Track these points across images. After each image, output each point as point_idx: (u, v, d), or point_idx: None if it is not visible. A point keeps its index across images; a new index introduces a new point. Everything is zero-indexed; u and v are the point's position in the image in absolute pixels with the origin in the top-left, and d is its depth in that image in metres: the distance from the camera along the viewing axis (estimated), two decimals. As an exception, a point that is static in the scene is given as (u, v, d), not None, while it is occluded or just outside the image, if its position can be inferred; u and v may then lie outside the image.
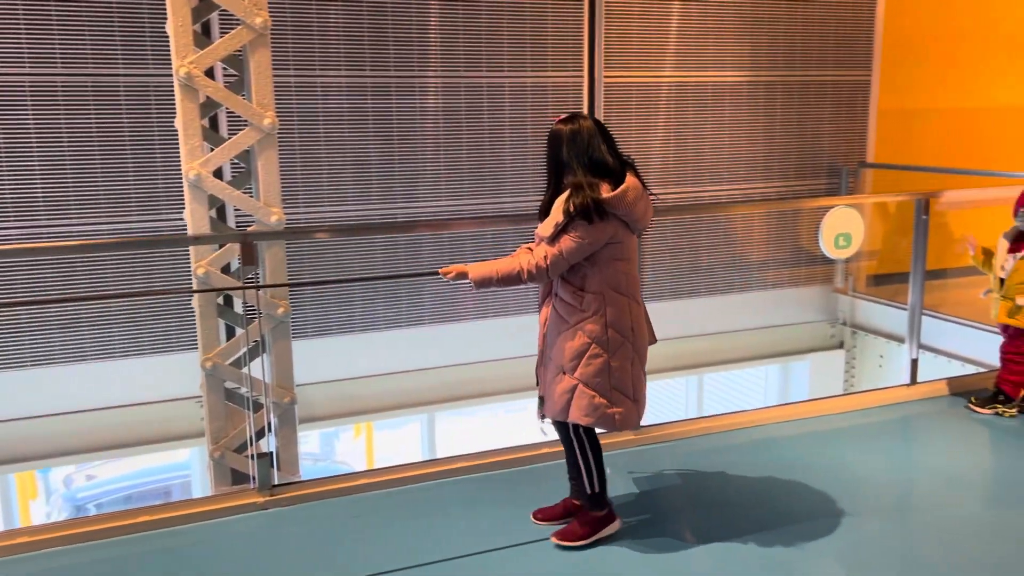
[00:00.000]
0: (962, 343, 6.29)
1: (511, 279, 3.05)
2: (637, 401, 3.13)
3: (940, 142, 7.96)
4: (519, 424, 8.95)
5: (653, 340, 3.26)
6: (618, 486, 3.72)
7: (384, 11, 5.77)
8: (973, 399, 4.58)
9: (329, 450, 11.50)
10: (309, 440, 10.56)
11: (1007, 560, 3.18)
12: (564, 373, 3.06)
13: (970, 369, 5.99)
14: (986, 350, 6.02)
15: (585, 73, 6.38)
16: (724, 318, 7.05)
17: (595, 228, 2.95)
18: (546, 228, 3.03)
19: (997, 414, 4.47)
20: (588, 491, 3.21)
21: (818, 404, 4.72)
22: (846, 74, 7.15)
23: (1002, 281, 4.42)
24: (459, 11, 5.95)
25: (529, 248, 3.17)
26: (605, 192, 2.97)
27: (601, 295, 3.03)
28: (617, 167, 3.04)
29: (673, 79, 6.61)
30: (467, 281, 3.10)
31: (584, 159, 2.99)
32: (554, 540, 3.22)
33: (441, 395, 6.42)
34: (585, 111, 6.41)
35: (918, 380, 4.87)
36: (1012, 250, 4.38)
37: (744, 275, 7.10)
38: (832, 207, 4.91)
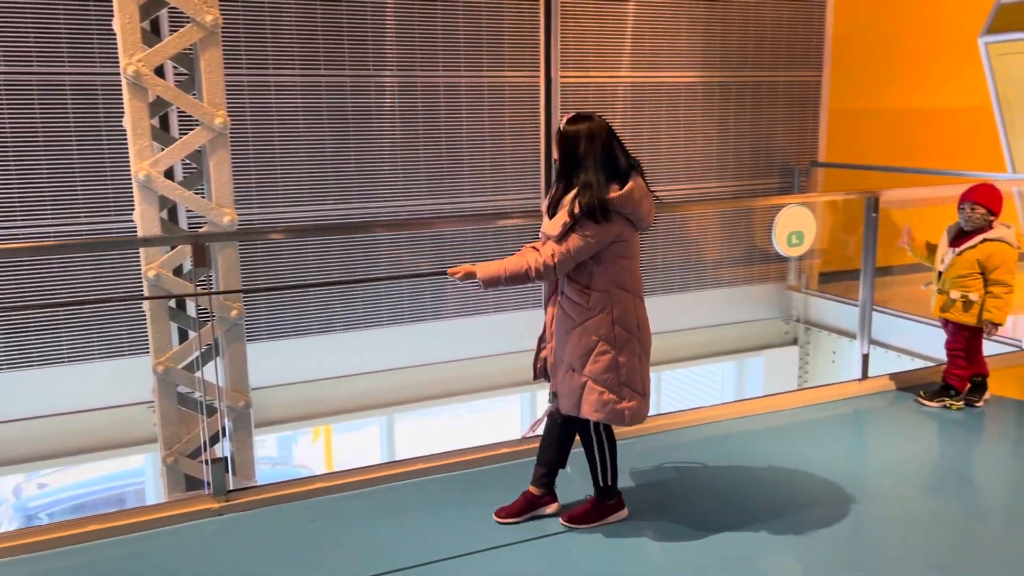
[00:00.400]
0: (912, 338, 6.44)
1: (519, 277, 3.10)
2: (645, 395, 3.23)
3: (888, 141, 8.14)
4: (480, 424, 8.96)
5: None
6: (576, 484, 3.74)
7: (339, 9, 5.72)
8: (922, 393, 4.69)
9: (287, 454, 11.37)
10: (266, 444, 10.42)
11: (954, 548, 3.27)
12: (573, 371, 3.15)
13: (919, 363, 6.13)
14: (934, 345, 6.16)
15: (541, 73, 6.39)
16: (680, 316, 7.12)
17: (602, 227, 3.03)
18: (554, 227, 3.08)
19: (945, 407, 4.58)
20: (600, 483, 3.34)
21: (773, 400, 4.79)
22: (798, 75, 7.27)
23: (940, 275, 4.52)
24: (415, 10, 5.92)
25: (534, 247, 3.22)
26: (613, 192, 3.05)
27: (607, 293, 3.10)
28: (626, 167, 3.11)
29: (628, 80, 6.66)
30: (475, 280, 3.14)
31: (600, 158, 3.06)
32: (562, 521, 3.35)
33: (400, 397, 6.38)
34: (542, 111, 6.42)
35: (869, 375, 4.98)
36: (953, 245, 4.48)
37: (699, 273, 7.18)
38: (785, 206, 4.99)
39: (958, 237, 4.48)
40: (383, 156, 6.01)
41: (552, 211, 3.14)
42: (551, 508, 3.43)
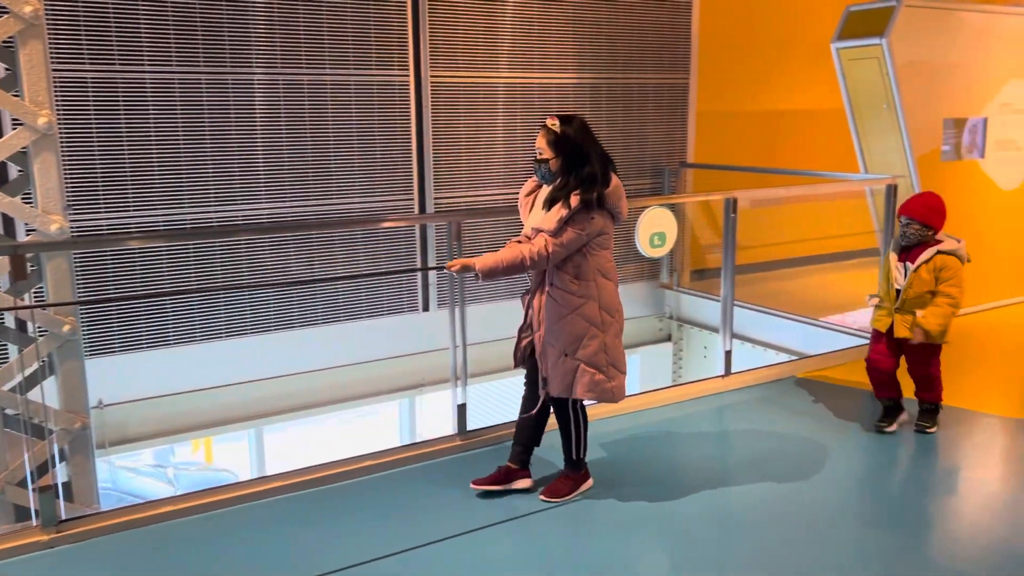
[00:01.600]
0: (774, 332, 6.65)
1: (515, 267, 3.31)
2: (623, 373, 3.50)
3: (752, 142, 8.40)
4: (357, 434, 8.74)
5: None
6: (448, 493, 3.65)
7: (191, 2, 5.42)
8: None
9: (165, 463, 10.95)
10: (143, 455, 9.97)
11: (803, 528, 3.35)
12: (566, 355, 3.36)
13: (784, 357, 6.34)
14: (794, 338, 6.40)
15: (411, 72, 6.26)
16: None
17: (593, 222, 3.30)
18: (548, 221, 3.28)
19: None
20: (573, 457, 3.58)
21: (646, 397, 4.85)
22: (667, 77, 7.40)
23: (898, 293, 4.27)
24: (275, 3, 5.68)
25: (518, 240, 3.39)
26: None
27: (593, 281, 3.37)
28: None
29: (500, 80, 6.60)
30: (472, 273, 3.33)
31: (599, 152, 3.34)
32: (541, 498, 3.57)
33: (270, 408, 6.13)
34: (412, 111, 6.29)
35: (732, 370, 5.10)
36: (902, 259, 4.27)
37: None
38: (647, 207, 5.05)
39: (905, 250, 4.28)
40: (243, 157, 5.74)
41: (549, 206, 3.31)
42: (524, 483, 3.64)
